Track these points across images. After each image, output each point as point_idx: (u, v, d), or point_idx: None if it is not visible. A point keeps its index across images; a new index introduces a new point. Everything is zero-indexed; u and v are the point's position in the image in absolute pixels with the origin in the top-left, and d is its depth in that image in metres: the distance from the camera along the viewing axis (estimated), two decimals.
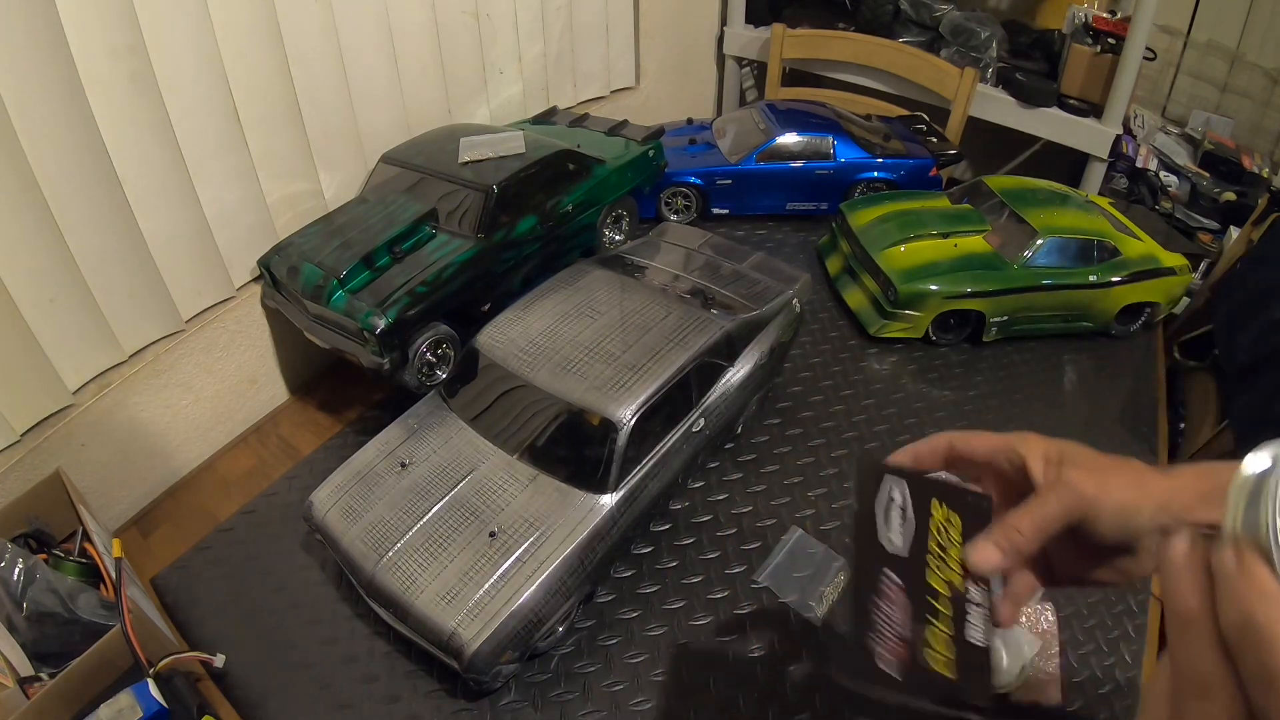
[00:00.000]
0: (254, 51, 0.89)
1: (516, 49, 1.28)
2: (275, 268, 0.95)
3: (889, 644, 0.41)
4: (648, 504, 0.78)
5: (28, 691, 0.63)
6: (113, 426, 0.88)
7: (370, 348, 0.87)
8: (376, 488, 0.77)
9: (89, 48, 0.73)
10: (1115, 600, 0.79)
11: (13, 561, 0.69)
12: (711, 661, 0.74)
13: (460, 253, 0.92)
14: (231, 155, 0.91)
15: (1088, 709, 0.71)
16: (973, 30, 1.54)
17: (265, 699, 0.72)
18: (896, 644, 0.41)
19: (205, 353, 0.96)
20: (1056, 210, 1.13)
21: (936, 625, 0.43)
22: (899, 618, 0.42)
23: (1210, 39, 1.72)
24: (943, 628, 0.43)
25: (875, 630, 0.42)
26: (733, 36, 1.79)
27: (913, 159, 1.31)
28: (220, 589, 0.82)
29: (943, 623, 0.43)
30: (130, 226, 0.82)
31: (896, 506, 0.46)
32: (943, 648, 0.42)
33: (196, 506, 0.93)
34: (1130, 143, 1.62)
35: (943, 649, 0.42)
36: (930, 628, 0.42)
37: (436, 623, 0.67)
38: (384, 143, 1.07)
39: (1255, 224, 1.25)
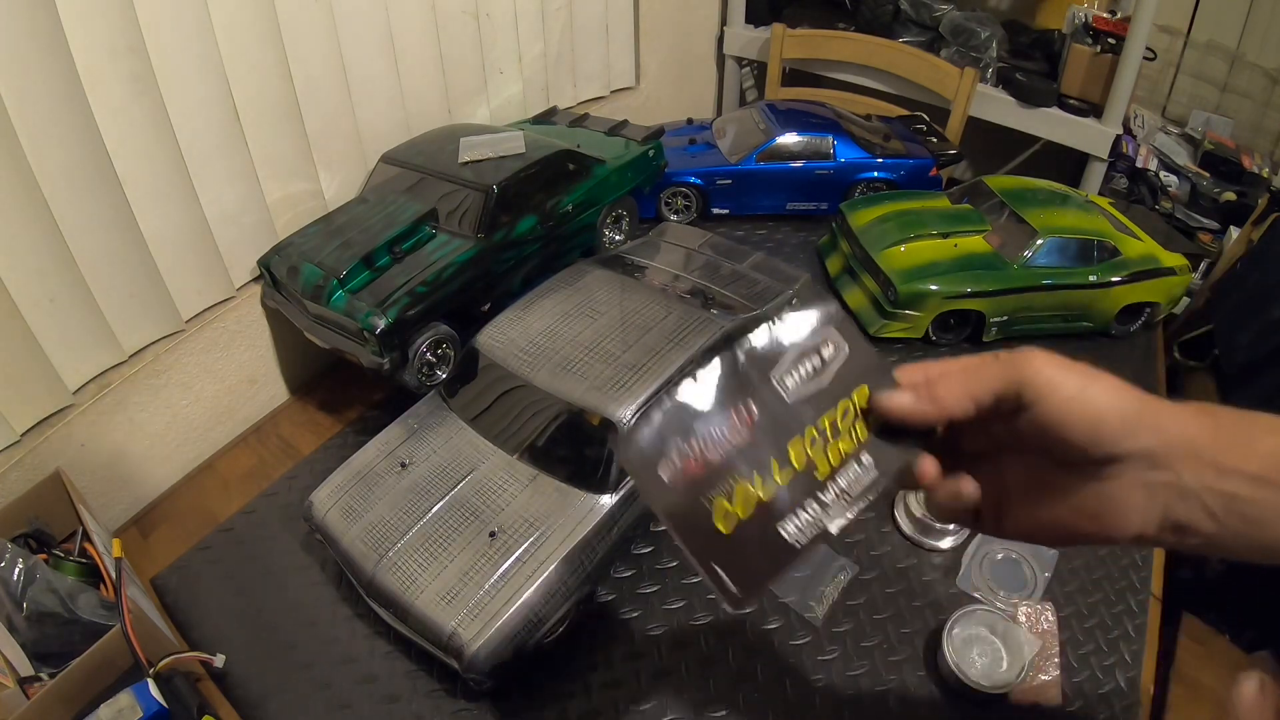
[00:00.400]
0: (254, 51, 0.89)
1: (516, 49, 1.28)
2: (275, 268, 0.95)
3: (687, 458, 0.36)
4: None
5: (28, 691, 0.63)
6: (113, 426, 0.88)
7: (370, 348, 0.87)
8: (376, 488, 0.77)
9: (89, 48, 0.73)
10: (1115, 600, 0.79)
11: (13, 561, 0.69)
12: (711, 661, 0.74)
13: (460, 253, 0.92)
14: (231, 155, 0.91)
15: (1088, 709, 0.71)
16: (973, 30, 1.54)
17: (265, 699, 0.72)
18: (694, 464, 0.36)
19: (205, 353, 0.96)
20: (1056, 210, 1.12)
21: (754, 485, 0.37)
22: (721, 445, 0.37)
23: (1210, 39, 1.72)
24: (759, 492, 0.37)
25: (686, 433, 0.37)
26: (733, 36, 1.79)
27: (913, 159, 1.31)
28: (220, 589, 0.82)
29: (764, 489, 0.37)
30: (130, 226, 0.82)
31: (819, 359, 0.40)
32: (740, 506, 0.37)
33: (196, 506, 0.93)
34: (1130, 143, 1.62)
35: (739, 507, 0.37)
36: (745, 483, 0.37)
37: (436, 623, 0.67)
38: (384, 143, 1.07)
39: (1255, 224, 1.25)
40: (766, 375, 0.39)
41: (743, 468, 0.37)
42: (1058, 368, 0.36)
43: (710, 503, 0.36)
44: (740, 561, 0.36)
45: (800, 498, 0.38)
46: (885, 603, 0.79)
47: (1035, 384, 0.36)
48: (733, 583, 0.36)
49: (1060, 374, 0.36)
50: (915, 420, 0.39)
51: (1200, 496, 0.34)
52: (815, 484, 0.38)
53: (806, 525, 0.37)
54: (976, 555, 0.82)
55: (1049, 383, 0.36)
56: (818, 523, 0.38)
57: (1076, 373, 0.36)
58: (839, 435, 0.39)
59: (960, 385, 0.38)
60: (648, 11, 1.54)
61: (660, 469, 0.36)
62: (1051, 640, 0.74)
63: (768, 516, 0.37)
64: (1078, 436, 0.36)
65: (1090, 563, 0.82)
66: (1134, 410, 0.35)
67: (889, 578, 0.81)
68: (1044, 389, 0.36)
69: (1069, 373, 0.36)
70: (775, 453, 0.38)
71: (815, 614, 0.77)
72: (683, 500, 0.36)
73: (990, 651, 0.72)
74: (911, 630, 0.76)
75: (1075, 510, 0.38)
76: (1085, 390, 0.35)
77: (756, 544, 0.37)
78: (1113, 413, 0.35)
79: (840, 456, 0.39)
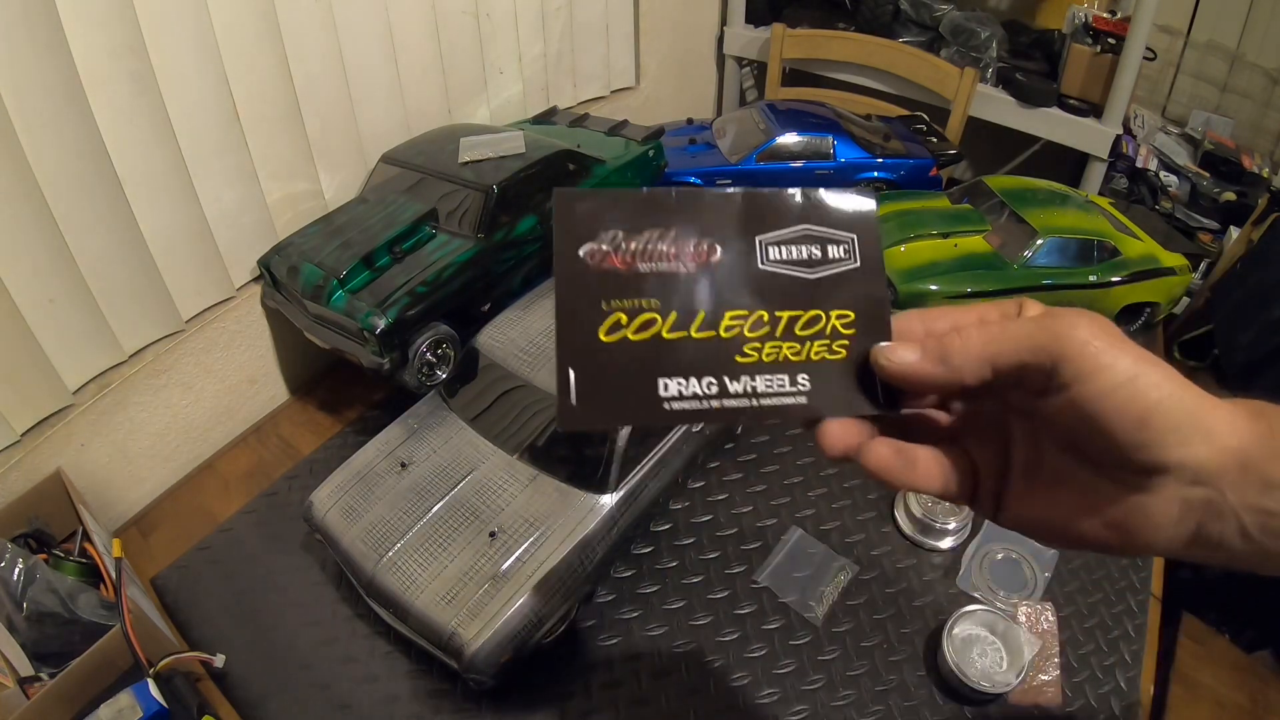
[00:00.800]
0: (254, 51, 0.89)
1: (516, 49, 1.28)
2: (275, 268, 0.95)
3: (618, 254, 0.32)
4: (647, 504, 0.78)
5: (28, 691, 0.63)
6: (113, 426, 0.88)
7: (370, 348, 0.87)
8: (376, 488, 0.77)
9: (89, 48, 0.73)
10: (1115, 600, 0.79)
11: (13, 561, 0.69)
12: (711, 662, 0.74)
13: (460, 253, 0.92)
14: (231, 155, 0.91)
15: (1088, 709, 0.71)
16: (973, 30, 1.54)
17: (265, 699, 0.72)
18: (619, 261, 0.32)
19: (205, 353, 0.96)
20: (1056, 210, 1.13)
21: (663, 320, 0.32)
22: (658, 261, 0.33)
23: (1210, 39, 1.72)
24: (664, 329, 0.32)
25: (632, 228, 0.32)
26: (733, 36, 1.79)
27: (913, 159, 1.31)
28: (220, 589, 0.82)
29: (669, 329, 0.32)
30: (130, 226, 0.82)
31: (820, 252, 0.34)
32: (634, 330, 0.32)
33: (196, 506, 0.93)
34: (1130, 143, 1.62)
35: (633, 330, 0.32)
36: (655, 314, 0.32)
37: (436, 623, 0.67)
38: (384, 143, 1.07)
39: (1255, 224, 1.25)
40: (755, 229, 0.34)
41: (664, 297, 0.32)
42: (1108, 343, 0.29)
43: (608, 308, 0.32)
44: (597, 381, 0.32)
45: (703, 367, 0.33)
46: (885, 603, 0.79)
47: (1079, 361, 0.29)
48: (576, 395, 0.31)
49: (1111, 353, 0.28)
50: (916, 384, 0.32)
51: (1239, 515, 0.30)
52: (730, 365, 0.33)
53: (690, 396, 0.32)
54: (976, 555, 0.82)
55: (1096, 362, 0.28)
56: (704, 404, 0.32)
57: (1130, 354, 0.29)
58: (789, 339, 0.33)
59: (980, 345, 0.31)
60: (648, 11, 1.54)
61: (583, 246, 0.32)
62: (1051, 640, 0.74)
63: (655, 359, 0.32)
64: (1122, 436, 0.29)
65: (1090, 563, 0.82)
66: (1189, 411, 0.29)
67: (889, 578, 0.81)
68: (1088, 369, 0.29)
69: (1121, 353, 0.29)
70: (709, 307, 0.33)
71: (815, 614, 0.77)
72: (584, 289, 0.32)
73: (990, 651, 0.72)
74: (911, 630, 0.76)
75: (1095, 515, 0.31)
76: (1138, 379, 0.28)
77: (625, 377, 0.32)
78: (1166, 412, 0.28)
79: (776, 359, 0.33)
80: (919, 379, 0.32)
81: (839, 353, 0.34)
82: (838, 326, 0.34)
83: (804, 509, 0.87)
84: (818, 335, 0.34)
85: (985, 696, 0.70)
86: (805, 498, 0.89)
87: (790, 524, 0.86)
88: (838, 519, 0.86)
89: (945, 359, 0.31)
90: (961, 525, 0.83)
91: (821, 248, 0.35)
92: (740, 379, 0.33)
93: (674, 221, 0.33)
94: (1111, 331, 0.29)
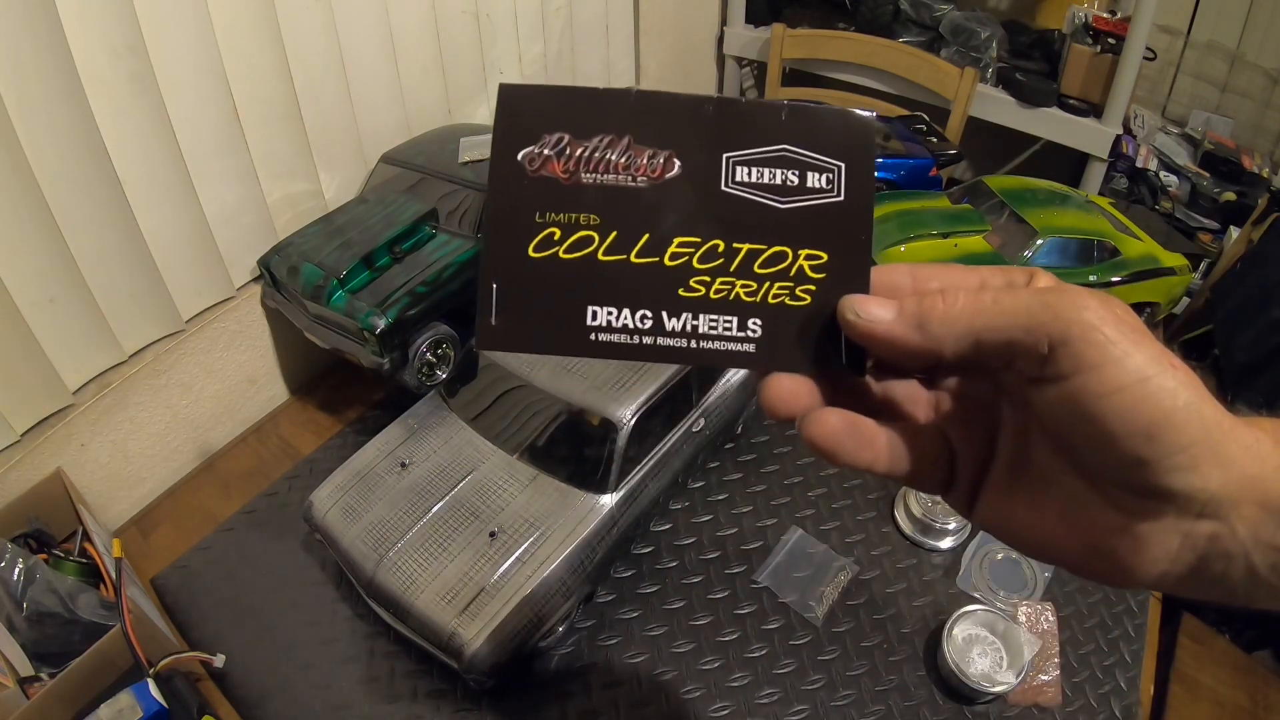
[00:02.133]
0: (254, 52, 0.89)
1: (516, 49, 1.28)
2: (275, 268, 0.95)
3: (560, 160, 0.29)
4: (648, 504, 0.78)
5: (28, 691, 0.63)
6: (113, 426, 0.88)
7: (370, 348, 0.87)
8: (376, 488, 0.77)
9: (89, 48, 0.73)
10: (1115, 600, 0.79)
11: (13, 561, 0.69)
12: (711, 662, 0.74)
13: (460, 253, 0.92)
14: (231, 155, 0.91)
15: (1088, 709, 0.71)
16: (973, 30, 1.54)
17: (265, 699, 0.72)
18: (560, 169, 0.29)
19: (205, 353, 0.96)
20: (1056, 210, 1.13)
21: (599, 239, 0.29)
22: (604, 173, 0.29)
23: (1210, 39, 1.72)
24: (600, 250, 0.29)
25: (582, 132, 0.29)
26: (733, 36, 1.79)
27: (913, 159, 1.31)
28: (220, 589, 0.82)
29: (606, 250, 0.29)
30: (130, 226, 0.82)
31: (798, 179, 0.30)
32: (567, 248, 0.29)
33: (196, 506, 0.93)
34: (1130, 143, 1.62)
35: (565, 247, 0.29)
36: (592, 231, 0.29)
37: (436, 623, 0.67)
38: (384, 143, 1.07)
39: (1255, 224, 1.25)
40: (724, 145, 0.30)
41: (606, 213, 0.29)
42: (1121, 333, 0.24)
43: (542, 220, 0.29)
44: (521, 302, 0.29)
45: (639, 298, 0.29)
46: (885, 603, 0.79)
47: (1082, 348, 0.24)
48: (496, 313, 0.29)
49: (1123, 345, 0.23)
50: (885, 348, 0.27)
51: (1249, 554, 0.25)
52: (671, 298, 0.29)
53: (619, 329, 0.29)
54: (976, 555, 0.82)
55: (1103, 353, 0.23)
56: (634, 339, 0.29)
57: (1145, 350, 0.24)
58: (745, 276, 0.29)
59: (966, 314, 0.26)
60: (648, 11, 1.54)
61: (522, 149, 0.29)
62: (1051, 640, 0.74)
63: (587, 282, 0.29)
64: (1123, 447, 0.24)
65: None
66: (1206, 430, 0.23)
67: (889, 578, 0.81)
68: (1093, 360, 0.23)
69: (1135, 347, 0.23)
70: (656, 230, 0.29)
71: (815, 614, 0.77)
72: (519, 197, 0.29)
73: (990, 651, 0.72)
74: (911, 630, 0.76)
75: (1079, 535, 0.27)
76: (1151, 382, 0.23)
77: (551, 300, 0.29)
78: (1179, 427, 0.23)
79: (726, 298, 0.29)
80: (889, 342, 0.27)
81: (802, 299, 0.29)
82: (805, 268, 0.29)
83: (804, 509, 0.87)
84: (779, 276, 0.29)
85: (985, 696, 0.70)
86: (805, 498, 0.89)
87: (790, 524, 0.86)
88: (838, 519, 0.86)
89: (923, 324, 0.26)
90: (962, 525, 0.83)
91: (800, 174, 0.30)
92: (681, 316, 0.29)
93: (630, 127, 0.29)
94: (1127, 319, 0.24)
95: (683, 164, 0.29)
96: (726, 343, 0.29)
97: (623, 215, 0.29)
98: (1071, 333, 0.24)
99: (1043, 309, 0.25)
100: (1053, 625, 0.75)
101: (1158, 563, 0.25)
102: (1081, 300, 0.24)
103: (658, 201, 0.29)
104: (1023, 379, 0.26)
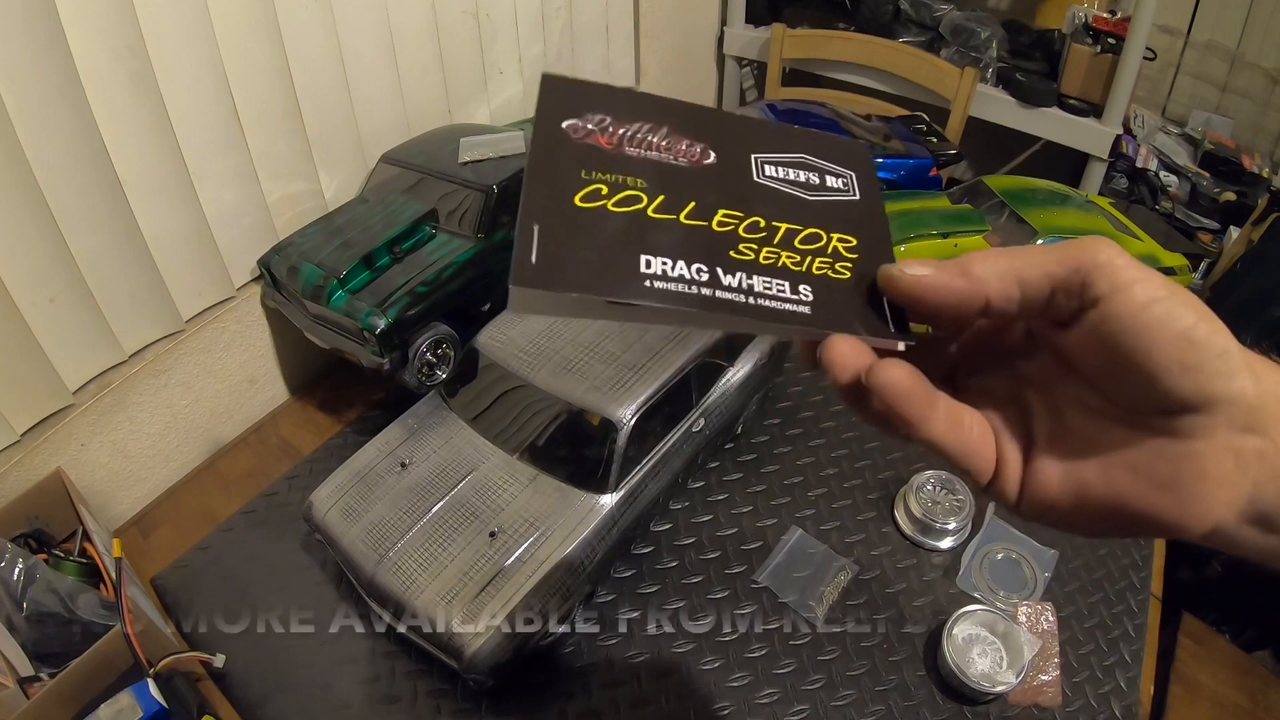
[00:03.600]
0: (254, 51, 0.89)
1: (516, 49, 1.28)
2: (275, 268, 0.95)
3: (604, 134, 0.30)
4: (648, 504, 0.78)
5: (28, 691, 0.63)
6: (113, 426, 0.88)
7: (370, 348, 0.87)
8: (376, 488, 0.77)
9: (89, 48, 0.73)
10: (1115, 600, 0.79)
11: (13, 561, 0.69)
12: (711, 662, 0.74)
13: (460, 253, 0.92)
14: (231, 155, 0.91)
15: (1088, 709, 0.71)
16: (973, 30, 1.54)
17: (265, 699, 0.72)
18: (605, 140, 0.30)
19: (205, 353, 0.96)
20: (1056, 210, 1.13)
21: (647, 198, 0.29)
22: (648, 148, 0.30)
23: (1210, 39, 1.72)
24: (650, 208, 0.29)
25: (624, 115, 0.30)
26: (733, 36, 1.79)
27: (913, 159, 1.31)
28: (220, 589, 0.82)
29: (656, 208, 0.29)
30: (130, 226, 0.82)
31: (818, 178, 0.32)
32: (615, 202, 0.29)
33: (196, 506, 0.93)
34: (1130, 143, 1.62)
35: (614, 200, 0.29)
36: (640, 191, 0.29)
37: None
38: (384, 143, 1.07)
39: (1255, 224, 1.25)
40: (748, 146, 0.32)
41: (651, 179, 0.29)
42: (1132, 261, 0.26)
43: (588, 176, 0.29)
44: (566, 243, 0.27)
45: (694, 251, 0.29)
46: (885, 603, 0.79)
47: (1110, 273, 0.26)
48: (538, 252, 0.27)
49: (1138, 269, 0.26)
50: (932, 301, 0.28)
51: None
52: (723, 256, 0.29)
53: (675, 278, 0.28)
54: (976, 555, 0.82)
55: (1125, 274, 0.26)
56: (691, 289, 0.28)
57: (1156, 276, 0.26)
58: (788, 249, 0.30)
59: (1005, 264, 0.27)
60: (648, 11, 1.54)
61: (566, 120, 0.30)
62: (1051, 640, 0.74)
63: (639, 232, 0.28)
64: (1164, 355, 0.25)
65: (1090, 563, 0.82)
66: (1225, 340, 0.25)
67: (889, 578, 0.81)
68: (1119, 279, 0.26)
69: (1149, 272, 0.26)
70: (699, 200, 0.30)
71: (815, 614, 0.77)
72: (563, 154, 0.29)
73: (990, 651, 0.72)
74: (911, 630, 0.76)
75: (1139, 475, 0.27)
76: (1170, 298, 0.25)
77: (600, 243, 0.28)
78: (1208, 336, 0.25)
79: (774, 264, 0.29)
80: (934, 292, 0.28)
81: (842, 273, 0.30)
82: (839, 248, 0.31)
83: (804, 509, 0.87)
84: (819, 252, 0.30)
85: (985, 696, 0.70)
86: (805, 498, 0.89)
87: (790, 524, 0.86)
88: (838, 519, 0.86)
89: (967, 271, 0.28)
90: (961, 525, 0.83)
91: (820, 176, 0.32)
92: (735, 274, 0.29)
93: (667, 121, 0.31)
94: (1134, 258, 0.27)
95: (717, 155, 0.31)
96: (782, 303, 0.29)
97: (667, 183, 0.30)
98: (1099, 260, 0.26)
99: (1070, 249, 0.27)
100: (1053, 625, 0.75)
101: (1220, 486, 0.26)
102: (1100, 242, 0.27)
103: (698, 179, 0.30)
104: (1056, 324, 0.28)
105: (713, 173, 0.31)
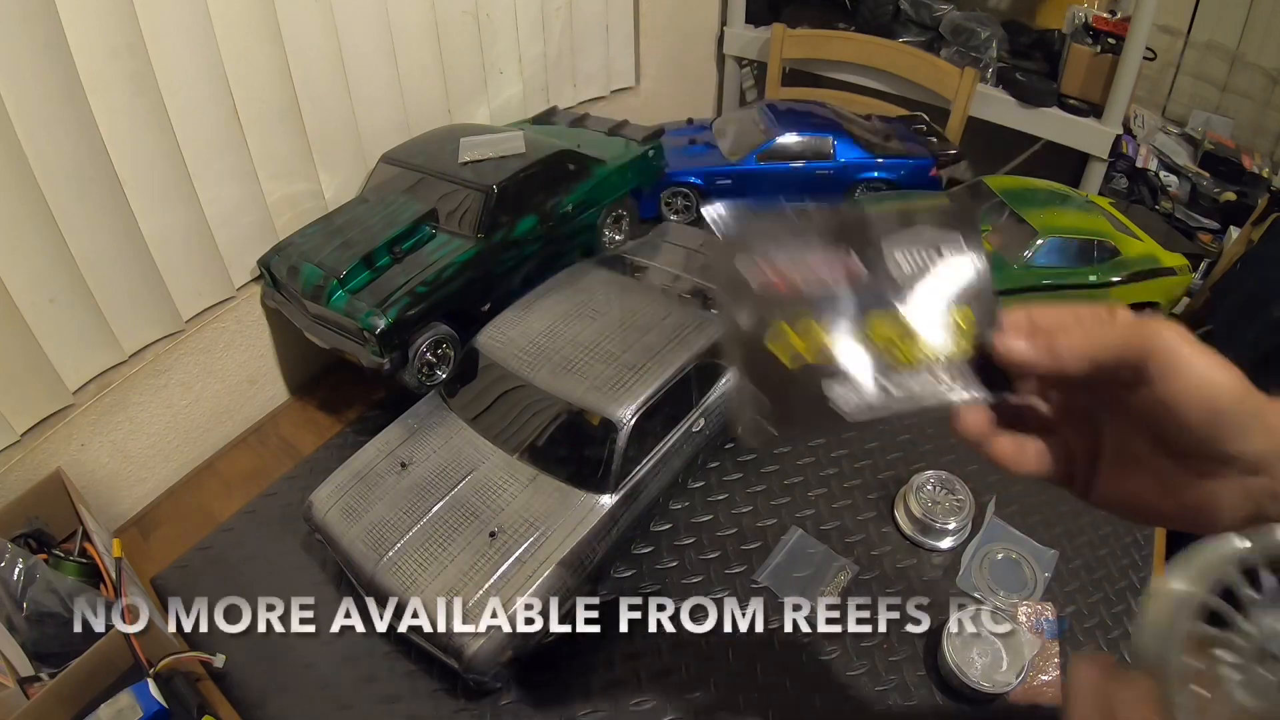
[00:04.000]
0: (254, 51, 0.89)
1: (516, 49, 1.28)
2: (275, 268, 0.95)
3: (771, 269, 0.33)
4: (648, 504, 0.78)
5: (28, 691, 0.63)
6: (113, 426, 0.88)
7: (370, 348, 0.87)
8: (376, 488, 0.77)
9: (89, 48, 0.73)
10: (1115, 600, 0.79)
11: (13, 561, 0.69)
12: (711, 662, 0.74)
13: (460, 253, 0.92)
14: (231, 155, 0.91)
15: None
16: (973, 30, 1.54)
17: (265, 699, 0.72)
18: (776, 277, 0.34)
19: (205, 353, 0.96)
20: (1056, 210, 1.13)
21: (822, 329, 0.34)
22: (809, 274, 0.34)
23: (1210, 39, 1.72)
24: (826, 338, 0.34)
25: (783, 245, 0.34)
26: (733, 36, 1.79)
27: (913, 159, 1.31)
28: (220, 589, 0.81)
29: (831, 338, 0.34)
30: (130, 226, 0.82)
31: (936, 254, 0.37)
32: (803, 343, 0.34)
33: (196, 506, 0.93)
34: (1130, 143, 1.62)
35: (803, 343, 0.34)
36: (814, 321, 0.34)
37: (436, 622, 0.67)
38: (384, 143, 1.07)
39: (1255, 224, 1.25)
40: (879, 239, 0.36)
41: (822, 308, 0.34)
42: (1191, 346, 0.33)
43: (771, 325, 0.33)
44: (786, 399, 0.33)
45: (865, 370, 0.35)
46: (885, 603, 0.78)
47: (1166, 359, 0.33)
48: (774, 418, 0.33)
49: (1194, 354, 0.33)
50: (1026, 368, 0.37)
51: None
52: (886, 365, 0.36)
53: (864, 395, 0.35)
54: (976, 555, 0.82)
55: (1182, 361, 0.33)
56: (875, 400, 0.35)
57: (1205, 358, 0.33)
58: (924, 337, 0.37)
59: (1081, 341, 0.35)
60: (648, 11, 1.54)
61: (741, 267, 0.33)
62: (1052, 640, 0.74)
63: (824, 367, 0.34)
64: (1196, 429, 0.34)
65: (1090, 563, 0.82)
66: (1252, 411, 0.33)
67: (889, 578, 0.81)
68: (1175, 366, 0.33)
69: (1202, 354, 0.33)
70: (859, 314, 0.35)
71: (815, 614, 0.77)
72: (753, 312, 0.33)
73: (990, 651, 0.72)
74: (911, 630, 0.76)
75: (1171, 497, 0.37)
76: (1213, 376, 0.33)
77: (805, 389, 0.34)
78: (1234, 407, 0.33)
79: (920, 358, 0.36)
80: (1030, 365, 0.37)
81: (964, 347, 0.37)
82: (958, 321, 0.37)
83: (804, 509, 0.87)
84: (950, 329, 0.37)
85: (985, 696, 0.70)
86: (805, 498, 0.89)
87: (790, 524, 0.86)
88: (838, 519, 0.86)
89: (1053, 351, 0.36)
90: (961, 525, 0.83)
91: (936, 250, 0.38)
92: (901, 385, 0.36)
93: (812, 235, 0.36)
94: (1190, 337, 0.34)
95: (864, 260, 0.36)
96: (935, 389, 0.36)
97: (833, 310, 0.35)
98: (1158, 347, 0.33)
99: (1135, 335, 0.34)
100: (1053, 625, 0.75)
101: (1227, 511, 0.35)
102: (1160, 325, 0.34)
103: (855, 293, 0.36)
104: (1119, 387, 0.35)
105: (864, 283, 0.36)
